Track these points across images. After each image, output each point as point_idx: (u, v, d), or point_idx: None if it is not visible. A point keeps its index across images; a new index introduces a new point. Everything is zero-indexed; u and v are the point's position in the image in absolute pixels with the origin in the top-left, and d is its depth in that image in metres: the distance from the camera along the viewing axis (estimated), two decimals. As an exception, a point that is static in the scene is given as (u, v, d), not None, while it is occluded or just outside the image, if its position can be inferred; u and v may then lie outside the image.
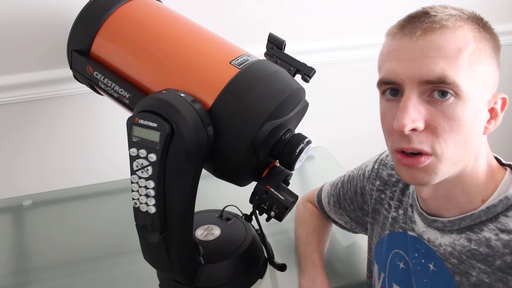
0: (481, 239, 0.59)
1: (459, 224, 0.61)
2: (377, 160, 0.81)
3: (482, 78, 0.56)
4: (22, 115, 1.07)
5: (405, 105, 0.56)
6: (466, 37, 0.55)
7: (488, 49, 0.57)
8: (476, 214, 0.60)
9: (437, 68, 0.54)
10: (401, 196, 0.74)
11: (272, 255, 0.87)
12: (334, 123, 1.37)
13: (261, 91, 0.67)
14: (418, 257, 0.67)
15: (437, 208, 0.65)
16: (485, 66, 0.57)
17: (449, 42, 0.55)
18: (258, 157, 0.69)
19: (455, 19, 0.56)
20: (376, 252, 0.78)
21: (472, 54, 0.55)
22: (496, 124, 0.60)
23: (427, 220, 0.66)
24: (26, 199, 1.12)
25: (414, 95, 0.56)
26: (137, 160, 0.65)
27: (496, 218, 0.59)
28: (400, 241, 0.72)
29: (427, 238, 0.66)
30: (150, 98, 0.65)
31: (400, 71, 0.57)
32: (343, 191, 0.87)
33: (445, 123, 0.55)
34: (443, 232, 0.63)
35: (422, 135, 0.56)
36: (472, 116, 0.56)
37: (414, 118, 0.55)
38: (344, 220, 0.90)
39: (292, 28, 1.18)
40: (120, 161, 0.98)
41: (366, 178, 0.82)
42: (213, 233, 0.86)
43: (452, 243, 0.62)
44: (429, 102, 0.56)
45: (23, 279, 0.91)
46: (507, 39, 1.30)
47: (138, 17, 0.77)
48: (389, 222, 0.75)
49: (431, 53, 0.55)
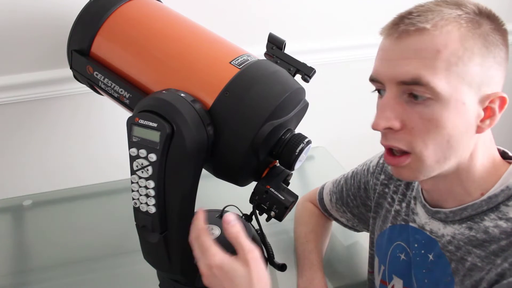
0: (480, 228, 0.60)
1: (460, 214, 0.62)
2: (382, 155, 0.81)
3: (468, 78, 0.55)
4: (21, 115, 1.07)
5: (382, 104, 0.58)
6: (447, 38, 0.54)
7: (480, 48, 0.55)
8: (477, 203, 0.61)
9: (412, 70, 0.55)
10: (405, 190, 0.75)
11: (272, 255, 0.87)
12: (334, 123, 1.37)
13: (261, 91, 0.67)
14: (418, 248, 0.68)
15: (438, 199, 0.66)
16: (472, 66, 0.55)
17: (426, 44, 0.54)
18: (258, 157, 0.69)
19: (439, 19, 0.55)
20: (378, 246, 0.79)
21: (452, 55, 0.54)
22: (492, 123, 0.59)
23: (430, 211, 0.67)
24: (26, 199, 1.12)
25: (393, 94, 0.57)
26: (137, 160, 0.65)
27: (497, 207, 0.59)
28: (402, 233, 0.72)
29: (430, 229, 0.67)
30: (150, 98, 0.65)
31: (381, 71, 0.58)
32: (346, 187, 0.88)
33: (421, 124, 0.56)
34: (446, 223, 0.64)
35: (399, 134, 0.58)
36: (453, 116, 0.55)
37: (389, 117, 0.57)
38: (346, 218, 0.90)
39: (292, 28, 1.18)
40: (120, 161, 0.98)
41: (370, 173, 0.83)
42: (213, 233, 0.86)
43: (453, 233, 0.63)
44: (407, 102, 0.57)
45: (23, 279, 0.91)
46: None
47: (138, 17, 0.77)
48: (391, 215, 0.76)
49: (408, 55, 0.55)
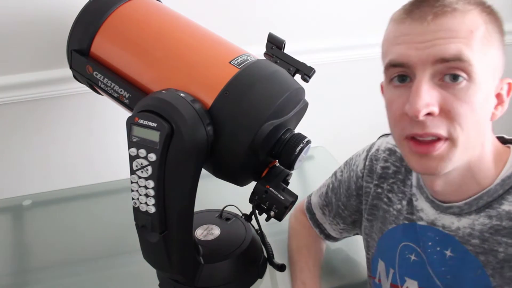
0: (501, 214, 0.59)
1: (476, 204, 0.61)
2: (366, 157, 0.79)
3: (493, 62, 0.56)
4: (21, 115, 1.07)
5: (417, 89, 0.54)
6: (476, 19, 0.55)
7: (496, 32, 0.57)
8: (492, 189, 0.60)
9: (453, 46, 0.53)
10: (403, 187, 0.72)
11: (271, 255, 0.87)
12: (334, 123, 1.37)
13: (260, 91, 0.67)
14: (433, 246, 0.65)
15: (449, 196, 0.64)
16: (494, 50, 0.56)
17: (461, 25, 0.54)
18: (258, 156, 0.69)
19: (464, 2, 0.55)
20: (380, 249, 0.76)
21: (483, 37, 0.54)
22: (503, 110, 0.59)
23: (440, 207, 0.65)
24: (26, 199, 1.12)
25: (426, 78, 0.54)
26: (136, 160, 0.65)
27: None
28: (408, 233, 0.70)
29: (441, 225, 0.64)
30: (150, 98, 0.65)
31: (411, 53, 0.55)
32: (335, 198, 0.85)
33: (459, 106, 0.54)
34: (460, 216, 0.62)
35: (437, 120, 0.54)
36: (483, 100, 0.55)
37: (429, 103, 0.53)
38: (339, 230, 0.87)
39: (292, 27, 1.18)
40: (120, 161, 0.98)
41: (360, 177, 0.80)
42: (212, 233, 0.86)
43: (471, 224, 0.61)
44: (441, 86, 0.54)
45: (23, 279, 0.91)
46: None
47: (137, 17, 0.77)
48: (392, 216, 0.73)
49: (444, 35, 0.54)
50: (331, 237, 0.89)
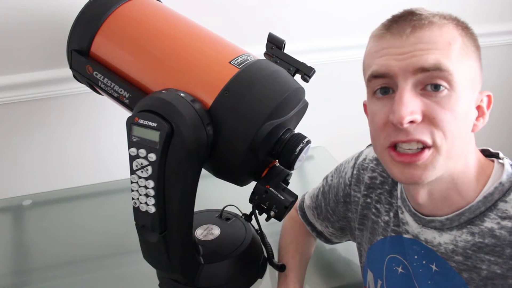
0: (484, 231, 0.59)
1: (458, 219, 0.61)
2: (354, 165, 0.79)
3: (471, 73, 0.57)
4: (21, 115, 1.07)
5: (401, 97, 0.55)
6: (452, 32, 0.57)
7: (472, 46, 0.58)
8: (474, 205, 0.60)
9: (432, 56, 0.55)
10: (390, 198, 0.72)
11: (271, 255, 0.87)
12: (334, 123, 1.37)
13: (260, 91, 0.67)
14: (419, 259, 0.65)
15: (432, 209, 0.63)
16: (472, 62, 0.58)
17: (438, 37, 0.56)
18: (258, 156, 0.69)
19: (440, 17, 0.58)
20: (369, 259, 0.76)
21: (460, 48, 0.56)
22: (484, 121, 0.60)
23: (422, 220, 0.64)
24: (26, 198, 1.12)
25: (408, 87, 0.55)
26: (136, 159, 0.65)
27: (494, 205, 0.58)
28: (395, 246, 0.70)
29: (424, 239, 0.64)
30: (150, 98, 0.65)
31: (392, 63, 0.56)
32: (325, 202, 0.85)
33: (442, 114, 0.55)
34: (442, 231, 0.62)
35: (421, 127, 0.55)
36: (464, 110, 0.56)
37: (412, 110, 0.55)
38: (328, 234, 0.87)
39: (292, 27, 1.18)
40: (120, 161, 0.98)
41: (347, 185, 0.79)
42: (212, 233, 0.86)
43: (454, 240, 0.61)
44: (423, 95, 0.56)
45: (23, 279, 0.91)
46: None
47: (137, 17, 0.77)
48: (380, 227, 0.73)
49: (423, 47, 0.55)
50: (322, 235, 0.89)
